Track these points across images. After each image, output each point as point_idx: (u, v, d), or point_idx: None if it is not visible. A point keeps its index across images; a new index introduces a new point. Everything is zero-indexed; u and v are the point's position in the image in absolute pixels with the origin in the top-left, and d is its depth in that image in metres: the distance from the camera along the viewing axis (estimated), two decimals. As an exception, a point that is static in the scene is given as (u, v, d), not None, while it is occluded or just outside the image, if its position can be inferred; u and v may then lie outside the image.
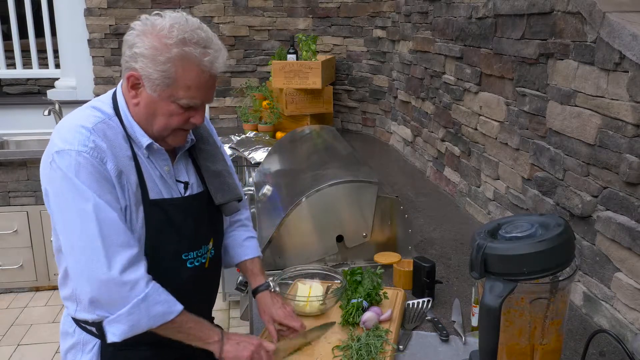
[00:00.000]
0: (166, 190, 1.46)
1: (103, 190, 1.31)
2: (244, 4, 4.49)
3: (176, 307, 1.37)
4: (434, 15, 3.12)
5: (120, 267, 1.29)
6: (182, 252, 1.48)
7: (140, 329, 1.33)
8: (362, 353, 1.50)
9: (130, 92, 1.39)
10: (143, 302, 1.31)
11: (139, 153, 1.42)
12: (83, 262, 1.30)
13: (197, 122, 1.42)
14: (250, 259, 1.71)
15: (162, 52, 1.30)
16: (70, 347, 1.53)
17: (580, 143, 1.79)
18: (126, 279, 1.30)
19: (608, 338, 1.63)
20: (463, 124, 2.78)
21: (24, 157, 4.03)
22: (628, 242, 1.56)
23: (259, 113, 4.23)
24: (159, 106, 1.37)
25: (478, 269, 1.22)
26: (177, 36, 1.31)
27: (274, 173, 2.72)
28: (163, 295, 1.36)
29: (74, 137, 1.32)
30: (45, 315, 3.94)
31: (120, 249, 1.30)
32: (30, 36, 4.72)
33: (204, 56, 1.33)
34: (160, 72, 1.31)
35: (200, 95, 1.37)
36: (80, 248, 1.30)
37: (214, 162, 1.58)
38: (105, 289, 1.30)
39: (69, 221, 1.32)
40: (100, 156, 1.32)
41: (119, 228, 1.31)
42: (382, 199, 2.10)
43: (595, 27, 1.68)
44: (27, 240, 4.13)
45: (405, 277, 1.93)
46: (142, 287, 1.31)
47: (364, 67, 4.36)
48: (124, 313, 1.31)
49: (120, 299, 1.30)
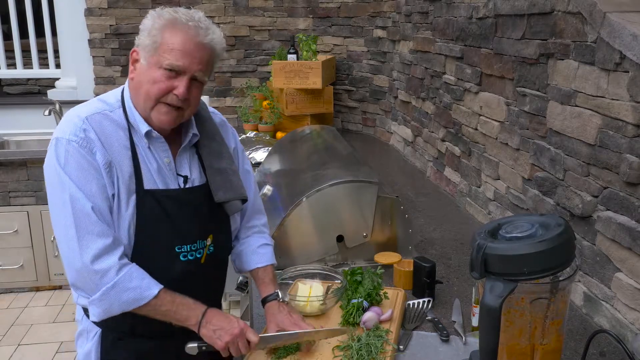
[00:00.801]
0: (162, 182, 1.48)
1: (87, 179, 1.37)
2: (244, 4, 4.49)
3: (148, 293, 1.40)
4: (434, 15, 3.12)
5: (91, 256, 1.36)
6: (175, 245, 1.50)
7: (114, 312, 1.40)
8: (362, 353, 1.50)
9: (130, 68, 1.47)
10: (112, 290, 1.37)
11: (139, 143, 1.46)
12: (63, 250, 1.39)
13: (179, 94, 1.42)
14: (263, 267, 1.69)
15: (155, 22, 1.41)
16: (80, 333, 1.62)
17: (580, 143, 1.79)
18: (97, 267, 1.36)
19: (608, 338, 1.63)
20: (463, 124, 2.78)
21: (24, 157, 4.03)
22: (628, 242, 1.56)
23: (260, 113, 4.23)
24: (146, 74, 1.42)
25: (478, 269, 1.22)
26: (172, 13, 1.42)
27: (274, 173, 2.72)
28: (135, 281, 1.39)
29: (67, 126, 1.40)
30: (45, 315, 3.94)
31: (93, 238, 1.36)
32: (31, 36, 4.72)
33: (190, 23, 1.41)
34: (151, 37, 1.40)
35: (183, 60, 1.40)
36: (61, 236, 1.39)
37: (219, 159, 1.58)
38: (79, 276, 1.38)
39: (53, 209, 1.41)
40: (89, 146, 1.38)
41: (92, 218, 1.36)
42: (382, 199, 2.10)
43: (596, 27, 1.68)
44: (28, 240, 4.13)
45: (406, 277, 1.93)
46: (112, 275, 1.37)
47: (364, 67, 4.36)
48: (96, 298, 1.38)
49: (93, 286, 1.38)
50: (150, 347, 1.55)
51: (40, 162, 4.14)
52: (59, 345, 3.58)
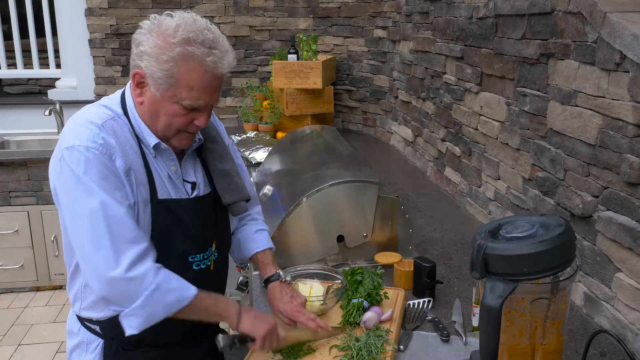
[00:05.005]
0: (174, 191, 1.46)
1: (111, 186, 1.30)
2: (245, 4, 4.49)
3: (189, 293, 1.36)
4: (434, 15, 3.12)
5: (127, 264, 1.29)
6: (189, 254, 1.48)
7: (156, 319, 1.33)
8: (362, 353, 1.50)
9: (136, 90, 1.39)
10: (155, 293, 1.31)
11: (147, 152, 1.42)
12: (91, 261, 1.31)
13: (200, 125, 1.40)
14: (262, 251, 1.71)
15: (166, 51, 1.30)
16: (75, 346, 1.54)
17: (580, 143, 1.79)
18: (133, 274, 1.29)
19: (609, 338, 1.63)
20: (464, 124, 2.78)
21: (24, 157, 4.02)
22: (629, 242, 1.56)
23: (260, 113, 4.23)
24: (162, 106, 1.36)
25: (479, 269, 1.22)
26: (182, 36, 1.30)
27: (275, 173, 2.72)
28: (174, 282, 1.35)
29: (83, 133, 1.32)
30: (45, 315, 3.94)
31: (128, 245, 1.30)
32: (31, 36, 4.72)
33: (207, 56, 1.31)
34: (164, 71, 1.31)
35: (204, 97, 1.36)
36: (89, 246, 1.30)
37: (222, 161, 1.57)
38: (114, 287, 1.30)
39: (77, 219, 1.32)
40: (109, 152, 1.32)
41: (127, 224, 1.31)
42: (382, 199, 2.10)
43: (596, 27, 1.68)
44: (28, 240, 4.13)
45: (406, 277, 1.93)
46: (151, 278, 1.31)
47: (364, 67, 4.36)
48: (138, 306, 1.31)
49: (131, 294, 1.30)
50: (155, 355, 1.52)
51: (40, 162, 4.21)
52: (59, 345, 3.58)
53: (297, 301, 1.60)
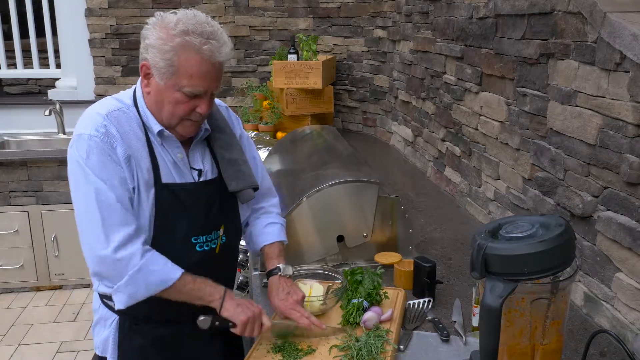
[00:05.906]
0: (178, 176, 1.55)
1: (109, 173, 1.43)
2: (245, 4, 4.49)
3: (172, 275, 1.46)
4: (434, 15, 3.12)
5: (116, 244, 1.41)
6: (192, 235, 1.56)
7: (140, 297, 1.45)
8: (362, 353, 1.50)
9: (143, 81, 1.51)
10: (138, 273, 1.42)
11: (153, 140, 1.52)
12: (86, 239, 1.45)
13: (202, 112, 1.50)
14: (269, 244, 1.77)
15: (167, 42, 1.41)
16: (96, 322, 1.68)
17: (580, 143, 1.79)
18: (120, 255, 1.41)
19: (609, 338, 1.63)
20: (464, 124, 2.78)
21: (24, 157, 4.02)
22: (629, 242, 1.56)
23: (260, 113, 4.23)
24: (166, 94, 1.46)
25: (479, 269, 1.22)
26: (181, 28, 1.41)
27: (275, 173, 2.72)
28: (159, 264, 1.45)
29: (89, 122, 1.46)
30: (45, 315, 3.94)
31: (117, 227, 1.42)
32: (31, 36, 4.73)
33: (203, 44, 1.41)
34: (165, 60, 1.42)
35: (203, 84, 1.45)
36: (85, 227, 1.45)
37: (230, 150, 1.66)
38: (104, 264, 1.44)
39: (77, 201, 1.46)
40: (110, 141, 1.44)
41: (116, 209, 1.42)
42: (382, 199, 2.10)
43: (596, 27, 1.68)
44: (28, 240, 4.13)
45: (406, 277, 1.93)
46: (137, 260, 1.42)
47: (364, 67, 4.36)
48: (122, 284, 1.43)
49: (118, 273, 1.43)
50: (165, 332, 1.62)
51: (40, 162, 4.22)
52: (59, 345, 3.58)
53: (292, 298, 1.66)
